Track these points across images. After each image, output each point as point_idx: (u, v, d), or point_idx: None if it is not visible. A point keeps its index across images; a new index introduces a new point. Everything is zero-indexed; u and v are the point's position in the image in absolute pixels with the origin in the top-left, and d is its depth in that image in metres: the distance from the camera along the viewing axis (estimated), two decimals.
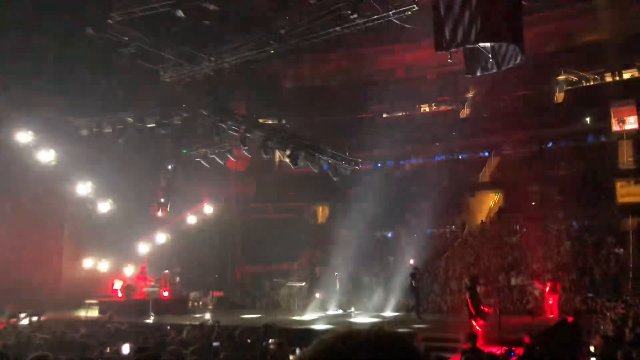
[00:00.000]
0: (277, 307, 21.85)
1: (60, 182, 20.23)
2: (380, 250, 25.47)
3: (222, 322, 14.51)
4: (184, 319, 17.86)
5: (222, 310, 20.52)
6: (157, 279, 22.05)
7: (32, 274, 20.16)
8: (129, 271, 22.16)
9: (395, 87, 33.85)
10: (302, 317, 18.91)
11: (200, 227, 26.18)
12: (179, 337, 11.67)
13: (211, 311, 20.38)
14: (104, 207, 20.72)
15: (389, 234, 27.76)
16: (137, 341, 10.33)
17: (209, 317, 18.49)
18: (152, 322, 17.15)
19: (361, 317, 18.60)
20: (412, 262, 21.24)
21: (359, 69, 34.11)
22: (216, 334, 11.82)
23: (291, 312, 20.14)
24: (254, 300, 23.14)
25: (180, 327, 14.23)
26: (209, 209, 26.19)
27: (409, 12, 13.37)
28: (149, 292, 21.07)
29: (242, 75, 25.31)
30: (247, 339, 11.05)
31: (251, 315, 19.64)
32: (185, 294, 22.58)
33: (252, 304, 22.63)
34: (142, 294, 21.11)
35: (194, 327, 13.63)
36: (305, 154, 18.29)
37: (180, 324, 15.54)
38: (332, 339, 1.74)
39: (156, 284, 21.86)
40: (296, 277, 22.74)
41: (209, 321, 16.17)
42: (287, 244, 26.42)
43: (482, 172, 29.65)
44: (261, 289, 24.17)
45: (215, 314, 19.01)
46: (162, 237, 23.27)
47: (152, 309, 18.91)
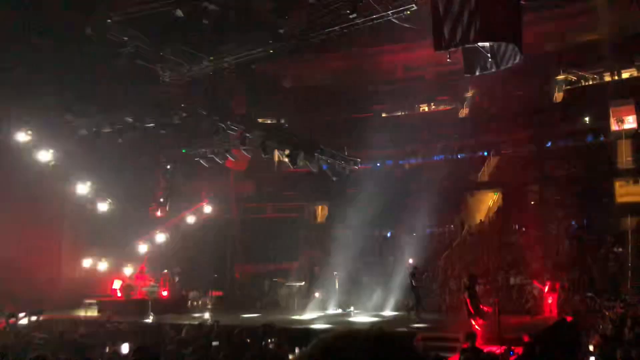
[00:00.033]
0: (276, 306, 21.85)
1: (59, 182, 20.21)
2: (379, 249, 25.48)
3: (221, 321, 14.52)
4: (183, 318, 17.86)
5: (221, 309, 20.51)
6: (157, 278, 22.06)
7: (31, 273, 20.14)
8: (128, 271, 22.15)
9: (394, 87, 33.89)
10: (301, 316, 18.92)
11: (199, 227, 26.17)
12: (178, 337, 11.68)
13: (210, 311, 20.36)
14: (103, 206, 20.72)
15: (388, 234, 27.76)
16: (136, 341, 10.34)
17: (208, 316, 18.49)
18: (151, 321, 17.15)
19: (360, 316, 18.61)
20: (411, 261, 21.27)
21: (358, 68, 34.07)
22: (215, 334, 11.83)
23: (290, 311, 20.14)
24: (253, 299, 23.13)
25: (179, 327, 14.23)
26: (208, 208, 26.18)
27: (408, 12, 13.36)
28: (148, 292, 21.09)
29: (241, 75, 25.32)
30: (246, 339, 11.05)
31: (250, 314, 19.63)
32: (184, 293, 22.57)
33: (251, 303, 22.62)
34: (142, 293, 21.12)
35: (193, 326, 13.63)
36: (304, 154, 18.30)
37: (179, 324, 15.54)
38: (331, 339, 1.74)
39: (155, 283, 21.87)
40: (295, 276, 22.71)
41: (208, 321, 16.19)
42: (287, 244, 26.43)
43: (481, 172, 29.68)
44: (260, 289, 24.17)
45: (214, 314, 19.01)
46: (161, 237, 23.27)
47: (151, 308, 18.91)
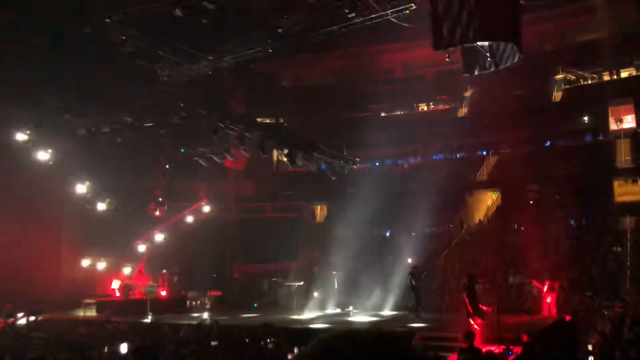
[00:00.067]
0: (275, 306, 21.83)
1: (58, 181, 20.19)
2: (378, 249, 25.46)
3: (221, 321, 14.51)
4: (182, 318, 17.85)
5: (220, 309, 20.49)
6: (155, 278, 22.05)
7: (30, 273, 20.13)
8: (127, 271, 22.13)
9: (393, 86, 33.88)
10: (300, 316, 18.91)
11: (198, 227, 26.15)
12: (177, 337, 11.68)
13: (209, 311, 20.35)
14: (102, 206, 20.70)
15: (387, 233, 27.75)
16: (135, 341, 10.33)
17: (207, 316, 18.48)
18: (150, 321, 17.12)
19: (359, 316, 18.61)
20: (410, 261, 21.26)
21: (357, 67, 34.08)
22: (214, 334, 11.83)
23: (290, 311, 20.13)
24: (252, 299, 23.11)
25: (178, 327, 14.23)
26: (207, 208, 26.17)
27: (407, 11, 13.36)
28: (147, 292, 21.07)
29: (240, 74, 25.29)
30: (246, 339, 11.04)
31: (249, 314, 19.63)
32: (183, 293, 22.56)
33: (250, 303, 22.61)
34: (140, 293, 21.11)
35: (192, 326, 13.64)
36: (303, 153, 18.27)
37: (178, 324, 15.54)
38: (330, 338, 1.74)
39: (154, 283, 21.86)
40: (295, 276, 22.69)
41: (207, 321, 16.18)
42: (286, 243, 26.40)
43: (480, 171, 29.67)
44: (259, 289, 24.15)
45: (213, 314, 18.99)
46: (160, 237, 23.26)
47: (150, 308, 18.89)
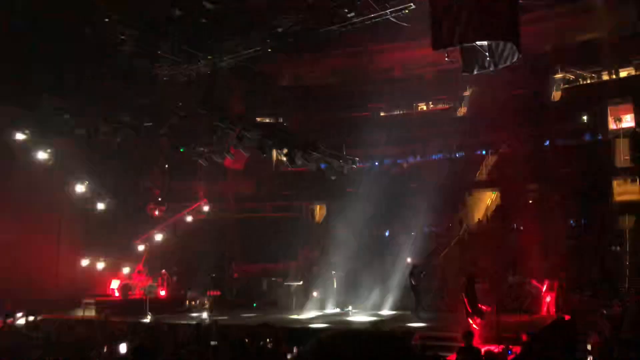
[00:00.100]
0: (274, 306, 21.82)
1: (57, 181, 20.16)
2: (378, 249, 25.44)
3: (220, 321, 14.50)
4: (181, 318, 17.85)
5: (219, 309, 20.48)
6: (155, 278, 22.03)
7: (29, 273, 20.11)
8: (126, 270, 22.12)
9: (392, 86, 33.86)
10: (299, 316, 18.91)
11: (197, 227, 26.16)
12: (176, 337, 11.68)
13: (209, 311, 20.33)
14: (101, 206, 20.67)
15: (386, 233, 27.75)
16: (134, 341, 10.33)
17: (206, 316, 18.46)
18: (149, 321, 17.10)
19: (359, 316, 18.60)
20: (409, 260, 21.27)
21: (356, 67, 34.08)
22: (214, 334, 11.82)
23: (289, 311, 20.12)
24: (251, 299, 23.10)
25: (177, 327, 14.25)
26: (207, 208, 26.16)
27: (407, 11, 13.34)
28: (146, 292, 21.06)
29: (239, 74, 25.26)
30: (245, 339, 11.03)
31: (249, 314, 19.63)
32: (182, 293, 22.55)
33: (249, 303, 22.60)
34: (140, 293, 21.09)
35: (192, 326, 13.65)
36: (302, 153, 18.24)
37: (177, 324, 15.55)
38: (330, 338, 1.73)
39: (153, 283, 21.84)
40: (294, 276, 22.68)
41: (206, 320, 16.17)
42: (285, 243, 26.41)
43: (479, 171, 29.68)
44: (259, 289, 24.13)
45: (212, 314, 18.98)
46: (159, 237, 23.25)
47: (149, 308, 18.88)
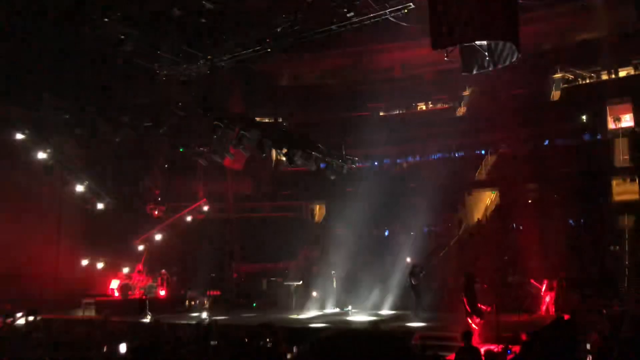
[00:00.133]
0: (274, 306, 21.82)
1: (56, 181, 20.16)
2: (377, 248, 25.46)
3: (220, 321, 14.51)
4: (181, 318, 17.85)
5: (219, 309, 20.49)
6: (154, 278, 22.03)
7: (29, 273, 20.11)
8: (126, 270, 22.12)
9: (391, 86, 33.91)
10: (299, 315, 18.92)
11: (197, 226, 26.17)
12: (176, 337, 11.67)
13: (208, 310, 20.34)
14: (101, 206, 20.67)
15: (386, 233, 27.76)
16: (134, 341, 10.33)
17: (205, 316, 18.46)
18: (149, 321, 17.11)
19: (358, 315, 18.61)
20: (409, 260, 21.27)
21: (356, 67, 34.14)
22: (213, 333, 11.81)
23: (288, 311, 20.14)
24: (251, 299, 23.11)
25: (177, 327, 14.25)
26: (206, 207, 26.16)
27: (406, 10, 13.33)
28: (146, 292, 21.08)
29: (238, 73, 25.28)
30: (245, 338, 11.03)
31: (248, 314, 19.64)
32: (182, 293, 22.55)
33: (249, 303, 22.61)
34: (139, 293, 21.10)
35: (191, 326, 13.64)
36: (302, 153, 18.24)
37: (177, 323, 15.56)
38: (329, 338, 1.74)
39: (153, 283, 21.84)
40: (293, 275, 22.69)
41: (206, 320, 16.15)
42: (284, 243, 26.43)
43: (479, 171, 29.70)
44: (258, 288, 24.14)
45: (212, 313, 18.98)
46: (159, 237, 23.26)
47: (148, 308, 18.88)
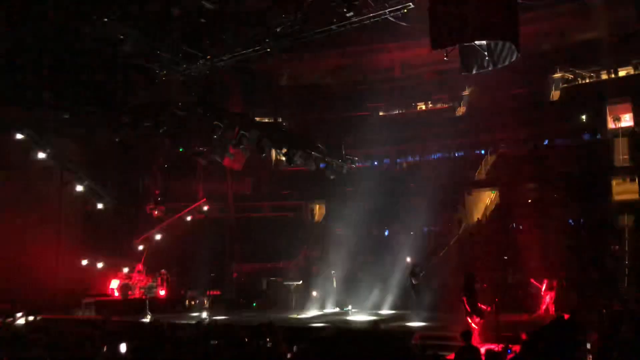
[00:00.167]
0: (274, 305, 21.84)
1: (56, 181, 20.16)
2: (377, 248, 25.46)
3: (220, 321, 14.52)
4: (181, 318, 17.85)
5: (219, 309, 20.51)
6: (154, 278, 22.04)
7: (29, 273, 20.09)
8: (126, 270, 22.13)
9: (391, 85, 33.93)
10: (299, 315, 18.94)
11: (197, 226, 26.17)
12: (175, 337, 11.66)
13: (208, 310, 20.37)
14: (101, 206, 20.68)
15: (385, 232, 27.77)
16: (134, 341, 10.33)
17: (205, 316, 18.48)
18: (149, 321, 17.11)
19: (358, 315, 18.62)
20: (408, 259, 21.28)
21: (355, 67, 34.11)
22: (213, 333, 11.81)
23: (288, 310, 20.16)
24: (251, 299, 23.13)
25: (177, 327, 14.21)
26: (206, 207, 26.17)
27: (405, 10, 13.33)
28: (145, 292, 21.08)
29: (238, 73, 25.27)
30: (245, 338, 11.03)
31: (248, 314, 19.64)
32: (182, 293, 22.56)
33: (249, 302, 22.62)
34: (139, 293, 21.11)
35: (191, 326, 13.62)
36: (301, 153, 18.26)
37: (177, 323, 15.52)
38: (329, 337, 1.74)
39: (153, 283, 21.85)
40: (293, 275, 22.71)
41: (205, 320, 16.18)
42: (284, 243, 26.44)
43: (478, 170, 29.69)
44: (258, 288, 24.15)
45: (212, 313, 19.00)
46: (158, 236, 23.26)
47: (148, 308, 18.89)
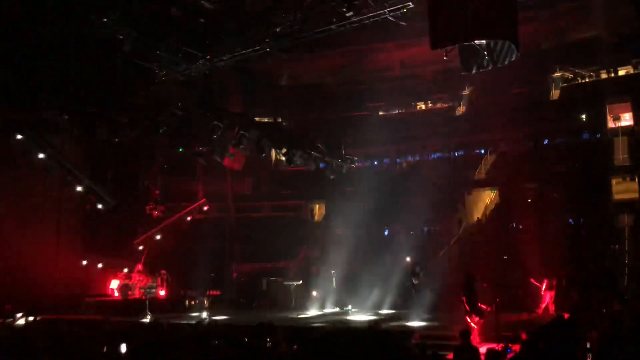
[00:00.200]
0: (273, 305, 21.85)
1: (56, 181, 20.15)
2: (377, 248, 25.46)
3: (219, 321, 14.52)
4: (181, 318, 17.85)
5: (219, 309, 20.51)
6: (154, 278, 22.04)
7: (29, 274, 20.10)
8: (126, 270, 22.13)
9: (391, 85, 33.89)
10: (299, 315, 18.94)
11: (196, 226, 26.17)
12: (175, 337, 11.66)
13: (208, 310, 20.37)
14: (100, 206, 20.65)
15: (385, 232, 27.76)
16: (134, 341, 10.32)
17: (205, 316, 18.48)
18: (149, 321, 17.11)
19: (358, 314, 18.62)
20: (408, 259, 21.28)
21: (355, 66, 34.09)
22: (213, 333, 11.80)
23: (288, 310, 20.15)
24: (251, 298, 23.13)
25: (177, 327, 14.22)
26: (206, 207, 26.17)
27: (405, 10, 13.33)
28: (145, 292, 21.07)
29: (237, 73, 25.27)
30: (244, 338, 11.03)
31: (248, 314, 19.64)
32: (182, 293, 22.56)
33: (249, 302, 22.62)
34: (139, 293, 21.10)
35: (191, 326, 13.61)
36: (301, 152, 18.26)
37: (177, 323, 15.53)
38: (329, 336, 1.73)
39: (153, 283, 21.85)
40: (293, 275, 22.72)
41: (205, 320, 16.17)
42: (284, 242, 26.43)
43: (478, 170, 29.69)
44: (258, 288, 24.16)
45: (212, 313, 19.00)
46: (158, 236, 23.27)
47: (148, 308, 18.88)
